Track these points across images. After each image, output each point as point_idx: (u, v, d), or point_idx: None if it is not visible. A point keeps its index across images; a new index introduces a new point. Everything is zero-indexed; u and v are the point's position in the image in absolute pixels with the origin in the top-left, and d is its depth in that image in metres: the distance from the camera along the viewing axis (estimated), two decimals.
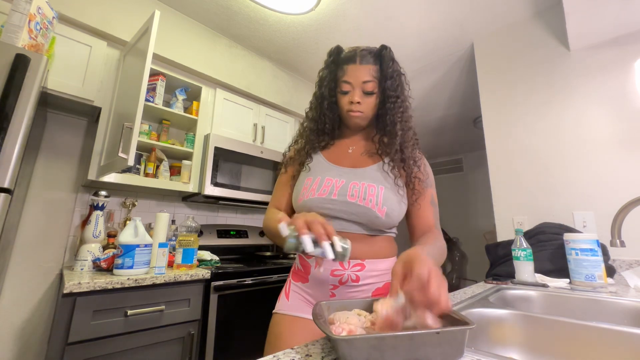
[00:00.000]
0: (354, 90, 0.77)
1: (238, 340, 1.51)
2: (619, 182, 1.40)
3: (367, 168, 0.79)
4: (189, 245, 1.52)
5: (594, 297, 0.87)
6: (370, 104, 0.78)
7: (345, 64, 0.78)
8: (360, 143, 0.85)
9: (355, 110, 0.78)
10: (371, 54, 0.78)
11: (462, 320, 0.41)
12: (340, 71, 0.79)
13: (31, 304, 1.46)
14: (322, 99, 0.81)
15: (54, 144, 1.62)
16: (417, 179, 0.78)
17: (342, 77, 0.78)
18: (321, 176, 0.77)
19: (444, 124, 3.38)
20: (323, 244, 0.53)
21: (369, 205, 0.71)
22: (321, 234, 0.53)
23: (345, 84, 0.77)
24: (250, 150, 2.05)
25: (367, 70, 0.76)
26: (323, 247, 0.53)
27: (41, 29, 1.13)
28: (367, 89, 0.76)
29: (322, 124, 0.82)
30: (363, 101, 0.77)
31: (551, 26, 1.72)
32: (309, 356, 0.42)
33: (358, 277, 0.73)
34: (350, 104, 0.78)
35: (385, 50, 0.79)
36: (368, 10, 1.87)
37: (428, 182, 0.81)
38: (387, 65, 0.78)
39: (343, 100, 0.79)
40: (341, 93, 0.79)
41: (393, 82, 0.78)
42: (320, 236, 0.53)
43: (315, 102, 0.84)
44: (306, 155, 0.83)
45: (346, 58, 0.79)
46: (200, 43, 2.01)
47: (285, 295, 0.81)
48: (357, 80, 0.76)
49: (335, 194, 0.73)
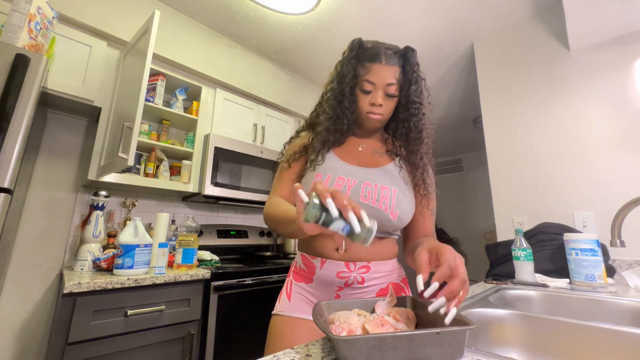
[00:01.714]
0: (376, 92, 0.72)
1: (238, 340, 1.51)
2: (619, 182, 1.40)
3: (379, 168, 0.76)
4: (189, 245, 1.52)
5: (594, 297, 0.87)
6: (390, 107, 0.75)
7: (369, 62, 0.73)
8: (370, 142, 0.82)
9: (376, 113, 0.74)
10: (396, 55, 0.74)
11: (462, 320, 0.41)
12: (362, 68, 0.73)
13: (31, 304, 1.46)
14: (342, 97, 0.75)
15: (54, 144, 1.62)
16: (427, 186, 0.76)
17: (365, 76, 0.73)
18: (332, 174, 0.74)
19: (444, 124, 3.38)
20: (349, 215, 0.45)
21: (382, 208, 0.70)
22: (346, 205, 0.45)
23: (367, 83, 0.73)
24: (250, 150, 2.05)
25: (392, 72, 0.72)
26: (350, 218, 0.45)
27: (41, 29, 1.13)
28: (390, 92, 0.73)
29: (341, 123, 0.76)
30: (385, 104, 0.73)
31: (551, 26, 1.72)
32: (309, 356, 0.42)
33: (364, 279, 0.72)
34: (371, 106, 0.73)
35: (412, 53, 0.75)
36: (368, 10, 1.87)
37: (434, 190, 0.80)
38: (412, 69, 0.74)
39: (363, 100, 0.74)
40: (362, 92, 0.74)
41: (417, 88, 0.74)
42: (344, 207, 0.45)
43: (333, 100, 0.76)
44: (318, 154, 0.77)
45: (370, 55, 0.73)
46: (200, 43, 2.01)
47: (286, 295, 0.78)
48: (381, 81, 0.72)
49: (347, 193, 0.71)
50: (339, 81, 0.76)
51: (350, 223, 0.45)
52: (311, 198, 0.46)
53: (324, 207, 0.46)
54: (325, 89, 0.81)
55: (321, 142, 0.77)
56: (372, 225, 0.45)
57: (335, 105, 0.76)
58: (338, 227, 0.46)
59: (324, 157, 0.77)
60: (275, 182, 0.81)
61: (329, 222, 0.46)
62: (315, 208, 0.45)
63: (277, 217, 0.66)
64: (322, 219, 0.46)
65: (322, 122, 0.78)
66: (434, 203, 0.80)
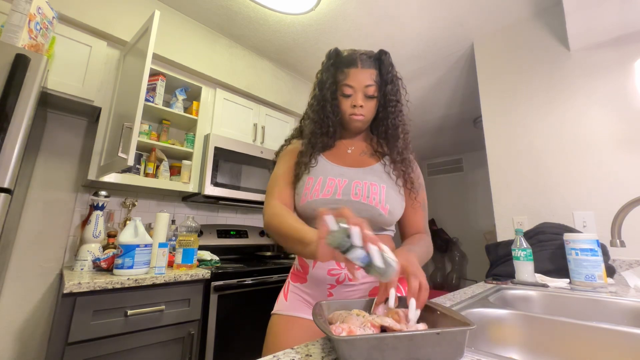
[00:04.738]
0: (356, 94, 0.77)
1: (238, 340, 1.51)
2: (619, 182, 1.40)
3: (367, 167, 0.80)
4: (189, 245, 1.52)
5: (594, 297, 0.87)
6: (371, 107, 0.79)
7: (346, 67, 0.78)
8: (359, 144, 0.86)
9: (358, 114, 0.78)
10: (371, 58, 0.79)
11: (462, 321, 0.41)
12: (341, 74, 0.78)
13: (31, 304, 1.46)
14: (324, 102, 0.80)
15: (54, 144, 1.62)
16: (413, 181, 0.80)
17: (344, 81, 0.78)
18: (323, 176, 0.77)
19: (444, 124, 3.38)
20: (371, 248, 0.46)
21: (373, 203, 0.73)
22: (372, 237, 0.47)
23: (347, 87, 0.77)
24: (250, 150, 2.05)
25: (369, 74, 0.77)
26: (370, 250, 0.46)
27: (41, 29, 1.13)
28: (369, 93, 0.77)
29: (326, 127, 0.80)
30: (365, 105, 0.77)
31: (551, 26, 1.72)
32: (309, 356, 0.42)
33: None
34: (353, 108, 0.78)
35: (385, 56, 0.80)
36: (368, 10, 1.87)
37: (421, 185, 0.84)
38: (387, 70, 0.79)
39: (345, 104, 0.79)
40: (343, 96, 0.79)
41: (393, 87, 0.79)
42: (370, 239, 0.47)
43: (316, 105, 0.81)
44: (309, 158, 0.81)
45: (347, 61, 0.79)
46: (200, 43, 2.01)
47: (283, 296, 0.81)
48: (359, 84, 0.76)
49: (339, 193, 0.74)
50: (320, 88, 0.81)
51: (370, 254, 0.46)
52: (339, 225, 0.47)
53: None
54: (310, 98, 0.86)
55: (310, 145, 0.81)
56: (393, 261, 0.47)
57: (319, 110, 0.80)
58: (357, 256, 0.46)
59: (316, 160, 0.81)
60: (273, 183, 0.82)
61: (349, 250, 0.46)
62: (343, 234, 0.46)
63: (284, 233, 0.66)
64: (346, 247, 0.46)
65: (308, 126, 0.83)
66: (423, 197, 0.83)
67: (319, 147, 0.82)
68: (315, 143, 0.81)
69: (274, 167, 0.86)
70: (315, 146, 0.81)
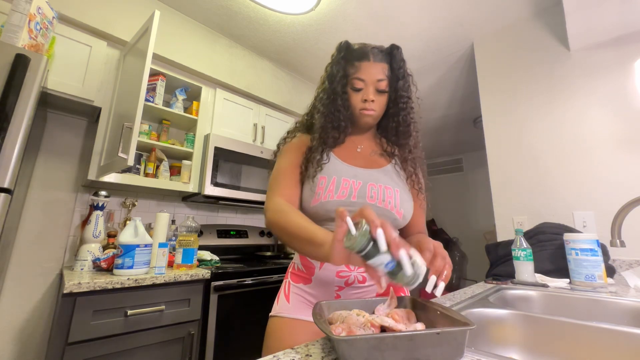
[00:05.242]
0: (367, 88, 0.75)
1: (238, 340, 1.51)
2: (619, 182, 1.40)
3: (380, 169, 0.78)
4: (189, 245, 1.52)
5: (594, 297, 0.87)
6: (382, 103, 0.77)
7: (357, 61, 0.75)
8: (367, 142, 0.84)
9: (369, 109, 0.75)
10: (382, 52, 0.76)
11: (462, 321, 0.41)
12: (352, 68, 0.76)
13: (31, 304, 1.46)
14: (335, 95, 0.76)
15: (54, 144, 1.62)
16: (421, 181, 0.79)
17: (355, 74, 0.75)
18: (337, 176, 0.74)
19: (444, 124, 3.38)
20: (400, 254, 0.41)
21: (389, 207, 0.72)
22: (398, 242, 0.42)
23: (358, 81, 0.75)
24: (250, 150, 2.05)
25: (380, 68, 0.75)
26: (400, 257, 0.41)
27: (41, 29, 1.13)
28: (380, 88, 0.75)
29: (337, 120, 0.76)
30: (376, 99, 0.75)
31: (551, 26, 1.72)
32: (309, 356, 0.42)
33: (365, 277, 0.72)
34: (364, 102, 0.75)
35: (397, 50, 0.77)
36: (368, 10, 1.86)
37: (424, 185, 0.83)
38: (399, 65, 0.76)
39: (356, 98, 0.76)
40: (353, 90, 0.76)
41: (405, 83, 0.77)
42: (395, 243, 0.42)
43: (326, 99, 0.77)
44: (321, 155, 0.76)
45: (358, 55, 0.76)
46: (200, 43, 2.01)
47: (285, 297, 0.77)
48: (371, 78, 0.74)
49: (354, 196, 0.72)
50: (330, 81, 0.78)
51: (401, 261, 0.41)
52: (361, 226, 0.41)
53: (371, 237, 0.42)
54: (317, 92, 0.83)
55: (321, 141, 0.77)
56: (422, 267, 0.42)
57: (329, 103, 0.77)
58: (381, 262, 0.41)
59: (328, 157, 0.77)
60: (277, 179, 0.76)
61: (371, 255, 0.41)
62: (365, 237, 0.41)
63: (291, 232, 0.60)
64: (367, 250, 0.41)
65: (318, 121, 0.78)
66: (423, 198, 0.82)
67: (330, 143, 0.78)
68: (326, 138, 0.77)
69: (276, 160, 0.81)
70: (326, 142, 0.77)
